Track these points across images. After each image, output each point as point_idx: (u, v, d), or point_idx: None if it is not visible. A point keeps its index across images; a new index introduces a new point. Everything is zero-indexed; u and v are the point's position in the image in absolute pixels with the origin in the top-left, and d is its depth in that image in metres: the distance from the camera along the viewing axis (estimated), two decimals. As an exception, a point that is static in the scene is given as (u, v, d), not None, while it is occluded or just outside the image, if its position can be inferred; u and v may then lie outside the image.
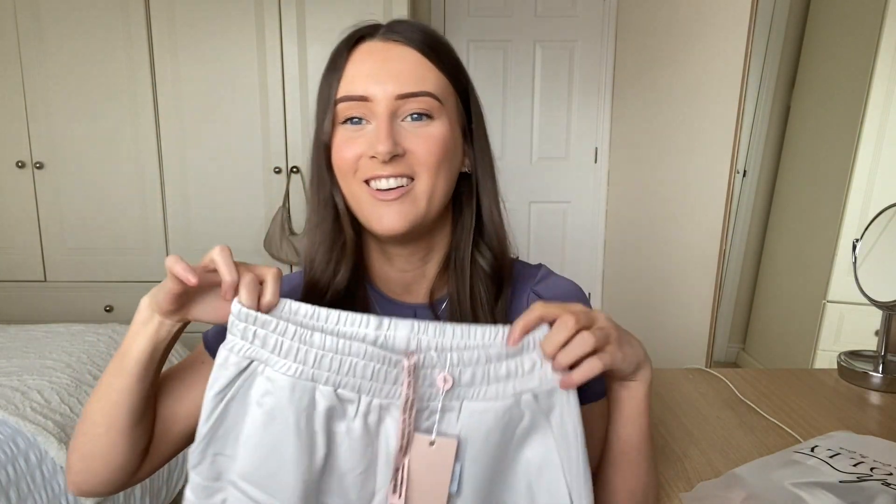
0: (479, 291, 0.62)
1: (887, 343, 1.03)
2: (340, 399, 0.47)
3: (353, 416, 0.48)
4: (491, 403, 0.48)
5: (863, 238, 1.10)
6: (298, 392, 0.47)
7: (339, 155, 0.58)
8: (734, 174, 1.92)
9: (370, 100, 0.56)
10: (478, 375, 0.48)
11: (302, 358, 0.47)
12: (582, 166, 3.00)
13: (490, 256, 0.63)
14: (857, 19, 2.14)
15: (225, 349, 0.48)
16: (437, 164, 0.57)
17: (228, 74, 2.17)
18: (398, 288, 0.65)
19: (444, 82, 0.58)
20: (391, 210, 0.56)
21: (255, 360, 0.47)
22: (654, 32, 2.40)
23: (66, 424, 1.23)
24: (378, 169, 0.56)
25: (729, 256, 2.40)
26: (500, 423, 0.49)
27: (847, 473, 0.64)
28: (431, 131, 0.57)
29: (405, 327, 0.49)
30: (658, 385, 1.00)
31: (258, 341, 0.47)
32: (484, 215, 0.63)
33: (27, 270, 2.31)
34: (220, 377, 0.48)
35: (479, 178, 0.63)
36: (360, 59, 0.57)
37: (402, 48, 0.57)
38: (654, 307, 2.36)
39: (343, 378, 0.47)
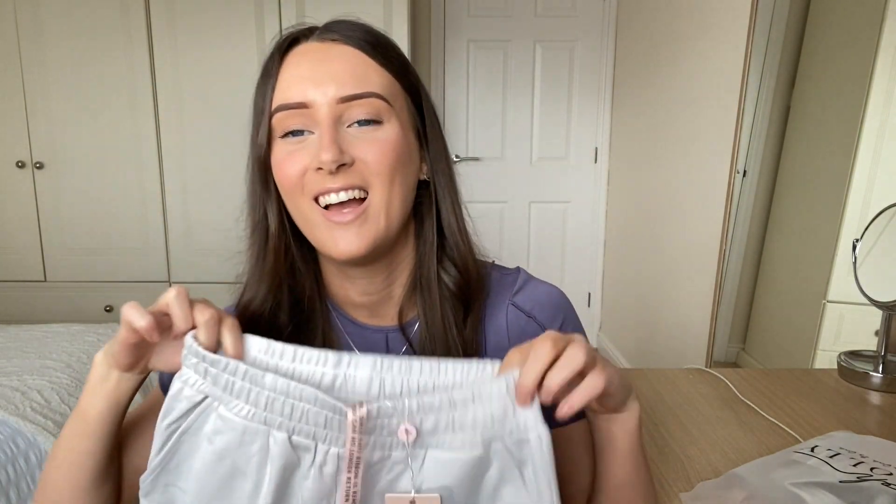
0: (447, 312, 0.56)
1: (887, 343, 1.03)
2: (295, 447, 0.43)
3: (309, 466, 0.44)
4: (457, 454, 0.43)
5: (863, 238, 1.10)
6: (250, 435, 0.43)
7: (282, 172, 0.52)
8: (734, 174, 1.91)
9: (309, 106, 0.50)
10: (441, 422, 0.43)
11: (254, 399, 0.43)
12: (582, 166, 3.00)
13: (455, 273, 0.57)
14: (857, 19, 2.14)
15: (179, 381, 0.45)
16: (391, 173, 0.51)
17: (228, 74, 2.17)
18: (365, 311, 0.59)
19: (390, 81, 0.53)
20: (348, 232, 0.51)
21: (208, 396, 0.44)
22: (654, 32, 2.40)
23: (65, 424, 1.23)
24: (326, 182, 0.50)
25: (729, 256, 2.39)
26: (468, 476, 0.44)
27: (847, 473, 0.64)
28: (380, 136, 0.51)
29: (367, 365, 0.45)
30: (658, 385, 1.00)
31: (210, 378, 0.44)
32: (444, 227, 0.57)
33: (27, 270, 2.31)
34: (173, 409, 0.45)
35: (436, 186, 0.57)
36: (295, 62, 0.52)
37: (341, 47, 0.52)
38: (654, 307, 2.36)
39: (297, 424, 0.43)
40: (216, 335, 0.45)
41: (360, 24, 0.54)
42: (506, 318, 0.59)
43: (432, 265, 0.57)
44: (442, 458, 0.43)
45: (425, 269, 0.57)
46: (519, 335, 0.58)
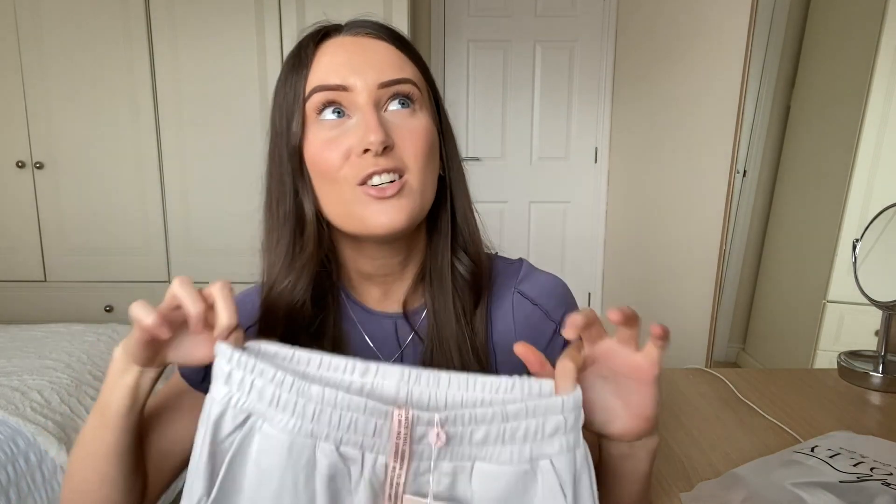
0: (457, 302, 0.58)
1: (887, 343, 1.03)
2: (343, 457, 0.43)
3: (358, 478, 0.43)
4: (504, 468, 0.43)
5: (863, 238, 1.10)
6: (297, 450, 0.43)
7: (322, 157, 0.52)
8: (734, 174, 1.92)
9: (349, 89, 0.51)
10: (492, 434, 0.43)
11: (300, 412, 0.42)
12: (582, 166, 2.99)
13: (468, 262, 0.59)
14: (857, 19, 2.14)
15: (219, 403, 0.43)
16: (425, 159, 0.54)
17: (229, 74, 2.17)
18: (376, 294, 0.61)
19: (419, 75, 0.56)
20: (389, 206, 0.51)
21: (252, 415, 0.43)
22: (654, 32, 2.40)
23: (66, 424, 1.23)
24: (373, 164, 0.51)
25: (729, 256, 2.39)
26: (513, 492, 0.43)
27: (847, 473, 0.64)
28: (417, 124, 0.54)
29: (394, 375, 0.45)
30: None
31: (255, 393, 0.43)
32: (459, 219, 0.60)
33: (27, 270, 2.31)
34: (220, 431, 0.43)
35: (452, 181, 0.60)
36: (331, 51, 0.53)
37: (375, 41, 0.54)
38: (655, 307, 2.36)
39: (345, 434, 0.43)
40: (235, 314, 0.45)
41: (387, 24, 0.57)
42: (511, 305, 0.60)
43: (445, 255, 0.59)
44: (488, 471, 0.43)
45: (438, 259, 0.59)
46: (524, 322, 0.60)
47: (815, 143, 2.38)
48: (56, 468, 1.16)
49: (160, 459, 0.56)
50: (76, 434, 1.24)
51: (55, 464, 1.16)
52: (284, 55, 2.31)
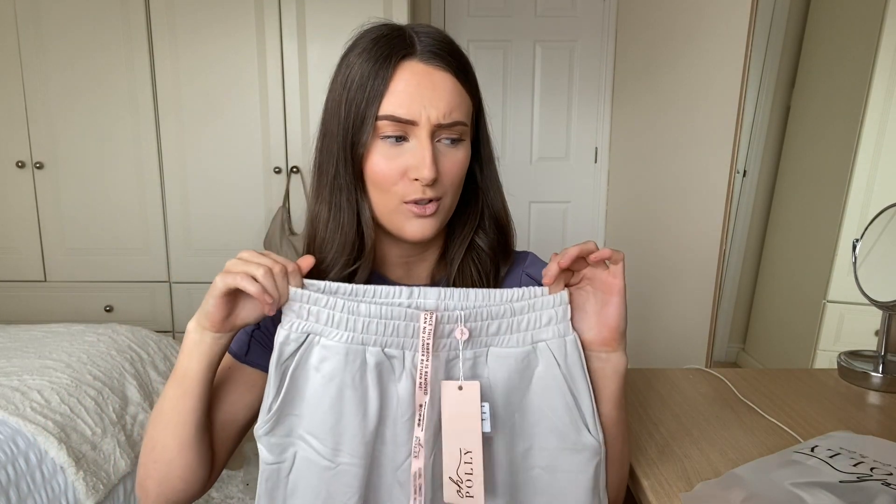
0: (470, 271, 0.69)
1: (887, 343, 1.03)
2: (388, 356, 0.56)
3: (401, 371, 0.56)
4: (512, 350, 0.58)
5: (863, 238, 1.10)
6: (352, 355, 0.55)
7: (380, 170, 0.62)
8: (734, 174, 1.91)
9: (415, 124, 0.60)
10: (503, 327, 0.57)
11: (352, 326, 0.55)
12: (582, 166, 2.99)
13: (487, 239, 0.70)
14: (857, 19, 2.14)
15: (284, 329, 0.55)
16: (459, 184, 0.65)
17: (228, 74, 2.17)
18: (400, 271, 0.71)
19: (469, 105, 0.65)
20: (426, 222, 0.63)
21: (311, 334, 0.55)
22: (654, 32, 2.40)
23: (66, 424, 1.23)
24: (421, 192, 0.62)
25: (729, 256, 2.39)
26: (520, 366, 0.58)
27: (847, 473, 0.64)
28: (459, 156, 0.64)
29: (433, 294, 0.58)
30: (658, 385, 1.00)
31: (312, 317, 0.55)
32: (494, 206, 0.71)
33: (27, 270, 2.31)
34: (283, 352, 0.55)
35: (484, 180, 0.71)
36: (405, 78, 0.60)
37: (443, 74, 0.61)
38: (654, 307, 2.36)
39: (388, 338, 0.55)
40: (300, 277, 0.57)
41: (451, 44, 0.64)
42: (519, 284, 0.71)
43: (465, 238, 0.70)
44: (500, 354, 0.58)
45: (457, 240, 0.70)
46: None
47: (815, 143, 2.37)
48: (56, 468, 1.16)
49: (221, 429, 0.65)
50: (76, 434, 1.24)
51: (55, 464, 1.16)
52: (284, 55, 2.31)
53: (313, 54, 2.16)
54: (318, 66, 2.15)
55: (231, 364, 0.67)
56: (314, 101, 2.16)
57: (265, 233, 2.24)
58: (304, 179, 2.25)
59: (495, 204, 0.71)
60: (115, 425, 1.34)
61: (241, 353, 0.67)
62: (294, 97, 2.19)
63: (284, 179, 2.24)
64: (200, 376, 0.58)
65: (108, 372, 1.43)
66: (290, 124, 2.21)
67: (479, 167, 0.70)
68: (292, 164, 2.23)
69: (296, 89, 2.18)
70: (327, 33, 2.14)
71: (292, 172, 2.24)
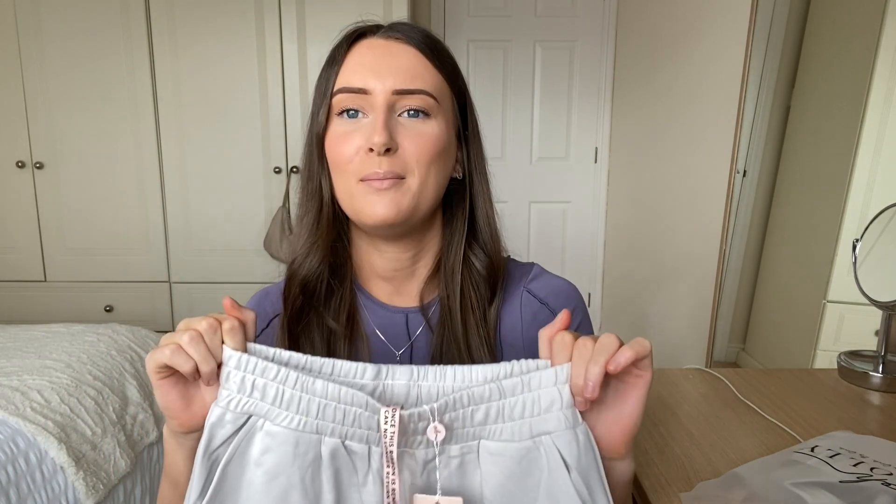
0: (469, 294, 0.61)
1: (887, 343, 1.03)
2: (349, 451, 0.44)
3: (366, 472, 0.44)
4: (507, 444, 0.44)
5: (863, 238, 1.10)
6: (303, 446, 0.43)
7: (335, 149, 0.58)
8: (734, 174, 1.92)
9: (368, 92, 0.56)
10: (491, 414, 0.44)
11: (304, 408, 0.43)
12: (582, 166, 3.00)
13: (484, 258, 0.63)
14: (857, 19, 2.14)
15: (219, 406, 0.44)
16: (429, 163, 0.57)
17: (228, 74, 2.17)
18: (389, 289, 0.64)
19: (441, 83, 0.59)
20: (384, 198, 0.55)
21: (253, 416, 0.43)
22: (654, 32, 2.40)
23: (66, 424, 1.23)
24: (373, 166, 0.55)
25: (729, 256, 2.39)
26: (519, 470, 0.44)
27: (847, 473, 0.64)
28: (426, 129, 0.57)
29: (404, 374, 0.46)
30: (658, 385, 1.00)
31: (257, 392, 0.43)
32: (479, 218, 0.64)
33: (27, 270, 2.31)
34: (214, 435, 0.44)
35: (473, 183, 0.64)
36: (360, 52, 0.58)
37: (403, 45, 0.57)
38: (655, 307, 2.36)
39: (349, 429, 0.43)
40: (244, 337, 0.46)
41: (422, 28, 0.60)
42: (520, 303, 0.63)
43: (458, 252, 0.62)
44: (493, 449, 0.44)
45: (451, 256, 0.62)
46: (531, 320, 0.63)
47: (815, 143, 2.37)
48: (56, 468, 1.16)
49: None
50: (76, 434, 1.23)
51: (55, 464, 1.16)
52: (284, 56, 2.32)
53: (313, 54, 2.16)
54: (318, 66, 2.13)
55: None
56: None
57: (265, 233, 2.24)
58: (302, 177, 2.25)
59: (483, 212, 0.64)
60: (115, 425, 1.34)
61: None
62: (294, 97, 2.19)
63: (284, 179, 2.24)
64: (187, 469, 0.49)
65: (108, 372, 1.43)
66: (290, 124, 2.21)
67: (468, 166, 0.64)
68: (292, 164, 2.23)
69: (296, 89, 2.18)
70: (327, 33, 2.13)
71: (292, 172, 2.24)
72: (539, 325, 0.60)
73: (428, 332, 0.63)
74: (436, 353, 0.61)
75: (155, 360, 0.44)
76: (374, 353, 0.62)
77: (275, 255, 2.22)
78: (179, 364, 0.43)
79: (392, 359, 0.63)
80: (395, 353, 0.63)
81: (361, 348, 0.62)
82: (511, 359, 0.60)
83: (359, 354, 0.62)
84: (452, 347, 0.60)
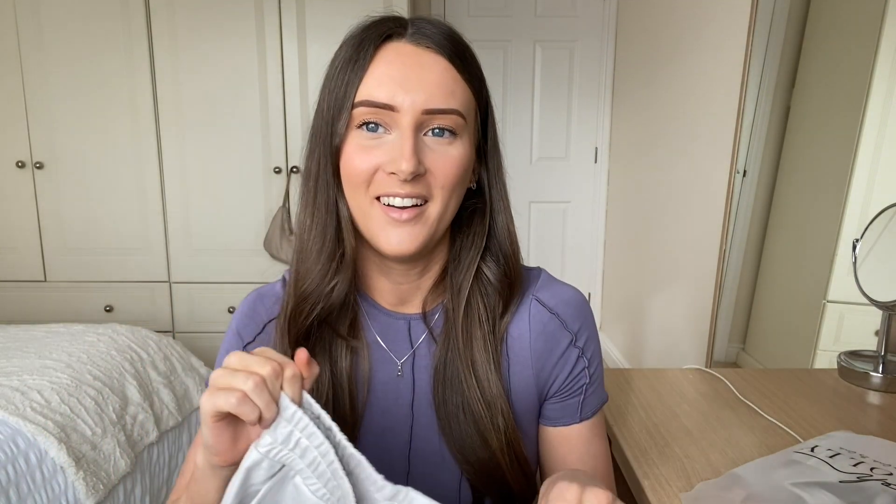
0: (477, 306, 0.59)
1: (887, 343, 1.03)
2: None
3: None
4: None
5: (863, 238, 1.10)
6: None
7: (352, 164, 0.53)
8: (734, 174, 1.91)
9: (396, 109, 0.51)
10: None
11: (331, 488, 0.43)
12: (582, 166, 3.00)
13: (497, 270, 0.60)
14: (857, 19, 2.14)
15: (258, 452, 0.42)
16: (452, 187, 0.54)
17: (228, 74, 2.17)
18: (392, 298, 0.61)
19: (469, 98, 0.55)
20: (403, 231, 0.53)
21: (286, 466, 0.43)
22: (654, 32, 2.40)
23: (66, 424, 1.23)
24: (396, 187, 0.52)
25: (729, 256, 2.39)
26: None
27: (847, 473, 0.64)
28: (452, 152, 0.53)
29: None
30: (658, 385, 1.00)
31: (298, 451, 0.42)
32: (499, 230, 0.61)
33: (27, 270, 2.31)
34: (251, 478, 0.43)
35: (492, 194, 0.60)
36: (387, 59, 0.52)
37: (434, 56, 0.53)
38: (654, 307, 2.36)
39: None
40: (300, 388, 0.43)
41: (448, 29, 0.55)
42: (528, 312, 0.61)
43: (472, 266, 0.59)
44: None
45: (460, 266, 0.59)
46: (540, 329, 0.60)
47: (815, 143, 2.37)
48: (56, 468, 1.16)
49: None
50: (76, 434, 1.23)
51: (55, 464, 1.16)
52: (284, 56, 2.31)
53: (313, 54, 2.16)
54: (318, 66, 2.15)
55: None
56: (314, 102, 2.15)
57: (265, 233, 2.24)
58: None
59: (501, 223, 0.60)
60: (115, 425, 1.34)
61: None
62: (294, 97, 2.19)
63: (284, 179, 2.24)
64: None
65: (108, 372, 1.43)
66: (290, 124, 2.21)
67: (488, 179, 0.60)
68: (292, 165, 2.23)
69: (296, 89, 2.18)
70: (327, 33, 2.14)
71: (292, 172, 2.24)
72: (548, 335, 0.60)
73: (431, 342, 0.60)
74: (439, 365, 0.59)
75: (216, 406, 0.41)
76: (375, 362, 0.60)
77: (275, 255, 2.22)
78: (246, 413, 0.40)
79: (393, 368, 0.61)
80: (397, 361, 0.61)
81: (362, 357, 0.60)
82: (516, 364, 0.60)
83: (359, 364, 0.60)
84: (457, 361, 0.58)
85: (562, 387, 0.61)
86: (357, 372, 0.59)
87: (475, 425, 0.57)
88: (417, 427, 0.60)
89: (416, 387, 0.60)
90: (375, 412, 0.60)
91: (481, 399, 0.57)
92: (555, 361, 0.60)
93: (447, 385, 0.58)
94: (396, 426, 0.60)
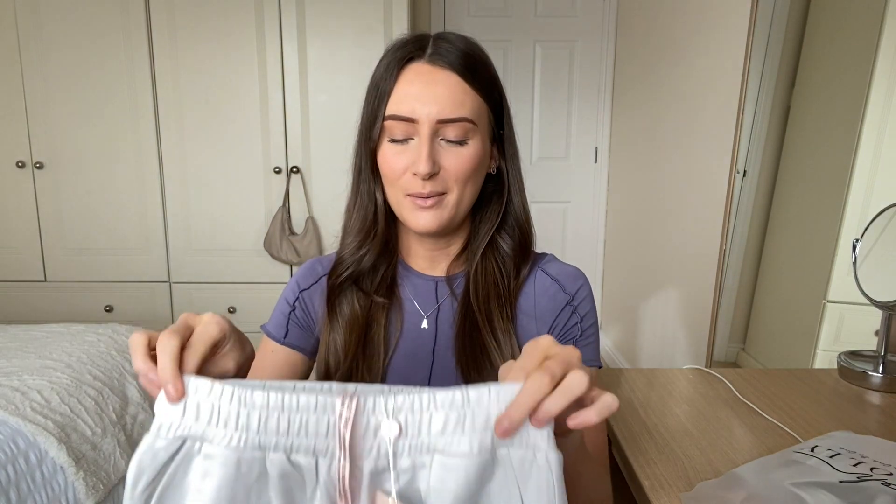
0: (493, 271, 0.71)
1: (887, 343, 1.03)
2: (295, 466, 0.40)
3: (314, 485, 0.40)
4: (463, 460, 0.40)
5: (863, 238, 1.10)
6: (246, 465, 0.39)
7: (387, 164, 0.67)
8: (734, 174, 1.91)
9: (415, 121, 0.64)
10: (451, 422, 0.40)
11: (244, 424, 0.39)
12: (582, 166, 3.00)
13: (510, 241, 0.74)
14: (857, 19, 2.14)
15: (149, 437, 0.39)
16: (466, 180, 0.67)
17: (228, 75, 2.17)
18: (424, 263, 0.75)
19: (479, 104, 0.66)
20: (427, 214, 0.66)
21: (188, 439, 0.40)
22: (654, 32, 2.40)
23: (66, 424, 1.23)
24: (418, 187, 0.65)
25: (729, 256, 2.39)
26: (473, 484, 0.40)
27: (847, 473, 0.64)
28: (465, 152, 0.65)
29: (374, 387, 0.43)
30: (658, 385, 1.00)
31: (190, 414, 0.39)
32: (515, 208, 0.75)
33: (27, 270, 2.31)
34: (145, 469, 0.39)
35: (509, 180, 0.74)
36: (408, 79, 0.65)
37: (446, 73, 0.64)
38: (654, 307, 2.36)
39: (295, 440, 0.39)
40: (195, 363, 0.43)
41: (462, 45, 0.66)
42: (534, 282, 0.73)
43: (486, 237, 0.73)
44: (448, 464, 0.40)
45: (479, 239, 0.73)
46: (543, 293, 0.73)
47: (815, 142, 2.37)
48: (56, 468, 1.16)
49: None
50: (76, 434, 1.24)
51: (55, 464, 1.16)
52: (284, 56, 2.31)
53: (313, 55, 2.16)
54: (317, 66, 2.15)
55: (273, 348, 0.73)
56: (314, 102, 2.16)
57: (265, 233, 2.24)
58: (304, 179, 2.25)
59: (517, 203, 0.75)
60: (115, 425, 1.34)
61: (280, 336, 0.73)
62: (294, 97, 2.19)
63: (284, 179, 2.24)
64: None
65: (108, 372, 1.43)
66: (290, 124, 2.21)
67: (505, 165, 0.73)
68: (292, 165, 2.23)
69: (296, 89, 2.18)
70: (327, 34, 2.14)
71: (292, 172, 2.24)
72: (549, 296, 0.72)
73: (452, 300, 0.73)
74: (459, 318, 0.70)
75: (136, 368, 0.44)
76: (406, 314, 0.73)
77: (275, 255, 2.22)
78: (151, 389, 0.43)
79: (420, 320, 0.73)
80: (423, 315, 0.73)
81: (395, 310, 0.72)
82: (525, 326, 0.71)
83: (392, 316, 0.72)
84: (476, 313, 0.69)
85: (556, 337, 0.71)
86: (390, 322, 0.72)
87: (489, 362, 0.68)
88: (437, 367, 0.72)
89: (438, 336, 0.72)
90: (402, 355, 0.72)
91: (493, 339, 0.68)
92: (554, 316, 0.72)
93: (466, 335, 0.69)
94: (419, 367, 0.72)
